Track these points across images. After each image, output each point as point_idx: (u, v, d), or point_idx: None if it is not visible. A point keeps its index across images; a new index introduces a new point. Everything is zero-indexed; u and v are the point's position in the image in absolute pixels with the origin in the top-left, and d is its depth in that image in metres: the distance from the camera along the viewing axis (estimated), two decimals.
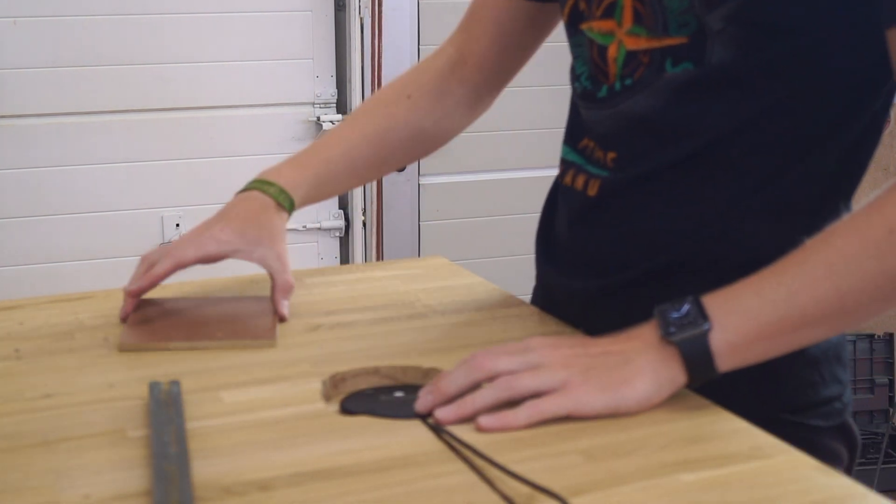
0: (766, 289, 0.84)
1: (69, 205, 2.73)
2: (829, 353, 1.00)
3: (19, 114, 2.64)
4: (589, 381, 0.83)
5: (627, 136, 0.99)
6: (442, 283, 0.95)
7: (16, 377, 0.92)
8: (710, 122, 0.94)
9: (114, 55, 2.68)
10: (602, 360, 0.84)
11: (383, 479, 0.74)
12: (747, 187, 0.95)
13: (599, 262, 1.02)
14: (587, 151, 1.04)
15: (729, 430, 0.82)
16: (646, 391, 0.83)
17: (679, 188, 0.97)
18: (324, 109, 2.87)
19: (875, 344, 3.26)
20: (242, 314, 1.06)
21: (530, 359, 0.84)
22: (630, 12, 0.96)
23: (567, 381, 0.82)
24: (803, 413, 0.99)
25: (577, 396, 0.82)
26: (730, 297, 0.85)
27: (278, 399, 0.88)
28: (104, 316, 1.07)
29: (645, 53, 0.96)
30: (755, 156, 0.94)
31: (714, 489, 0.73)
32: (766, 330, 0.83)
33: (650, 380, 0.83)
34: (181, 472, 0.73)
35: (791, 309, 0.83)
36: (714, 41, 0.91)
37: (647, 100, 0.96)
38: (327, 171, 1.17)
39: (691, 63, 0.93)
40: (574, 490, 0.72)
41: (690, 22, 0.92)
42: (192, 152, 2.79)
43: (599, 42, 1.00)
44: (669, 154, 0.97)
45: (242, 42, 2.78)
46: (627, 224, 1.00)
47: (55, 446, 0.79)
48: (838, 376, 1.01)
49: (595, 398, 0.82)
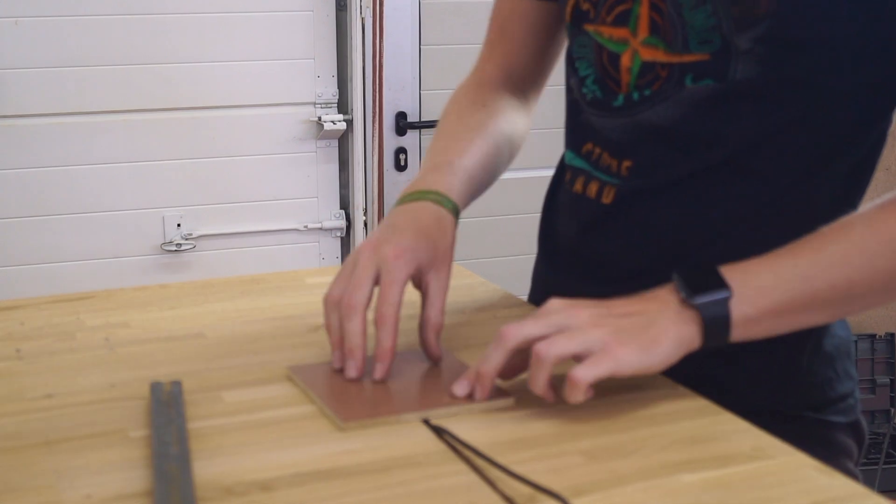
0: (782, 268, 0.85)
1: (71, 205, 2.73)
2: (842, 349, 1.01)
3: (21, 114, 2.64)
4: (624, 341, 0.82)
5: (644, 145, 0.98)
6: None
7: (17, 377, 0.92)
8: (731, 134, 0.94)
9: (115, 55, 2.68)
10: (628, 320, 0.83)
11: (384, 480, 0.74)
12: (766, 196, 0.95)
13: (613, 270, 1.02)
14: (593, 157, 1.03)
15: (730, 431, 0.82)
16: (669, 352, 0.83)
17: (697, 198, 0.97)
18: (325, 109, 2.87)
19: (877, 344, 3.26)
20: (444, 372, 0.94)
21: (556, 321, 0.83)
22: (646, 22, 0.95)
23: (604, 342, 0.81)
24: (821, 410, 1.00)
25: (617, 356, 0.81)
26: (747, 272, 0.85)
27: (279, 399, 0.88)
28: (105, 316, 1.07)
29: (663, 67, 0.95)
30: (775, 165, 0.94)
31: (715, 489, 0.73)
32: (777, 307, 0.85)
33: (673, 340, 0.83)
34: (182, 473, 0.73)
35: (804, 290, 0.85)
36: (738, 59, 0.91)
37: (666, 111, 0.96)
38: (470, 183, 1.07)
39: (713, 79, 0.93)
40: (575, 490, 0.72)
41: (714, 39, 0.91)
42: (193, 152, 2.80)
43: (610, 48, 0.99)
44: (688, 164, 0.96)
45: (244, 42, 2.78)
46: (643, 232, 0.99)
47: (56, 446, 0.79)
48: (850, 372, 1.02)
49: (633, 358, 0.81)
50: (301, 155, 2.90)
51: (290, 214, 2.92)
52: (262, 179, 2.87)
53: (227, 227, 2.87)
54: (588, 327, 0.82)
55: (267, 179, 2.88)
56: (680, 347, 0.83)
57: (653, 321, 0.84)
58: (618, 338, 0.82)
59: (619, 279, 1.00)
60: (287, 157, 2.88)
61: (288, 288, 1.17)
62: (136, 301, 1.12)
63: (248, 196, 2.87)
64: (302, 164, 2.90)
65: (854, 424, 1.03)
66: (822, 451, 0.82)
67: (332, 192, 2.95)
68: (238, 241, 2.89)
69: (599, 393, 0.88)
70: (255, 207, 2.88)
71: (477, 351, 0.99)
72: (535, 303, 1.15)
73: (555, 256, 1.12)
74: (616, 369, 0.81)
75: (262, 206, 2.89)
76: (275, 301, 1.13)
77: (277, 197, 2.90)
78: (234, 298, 1.14)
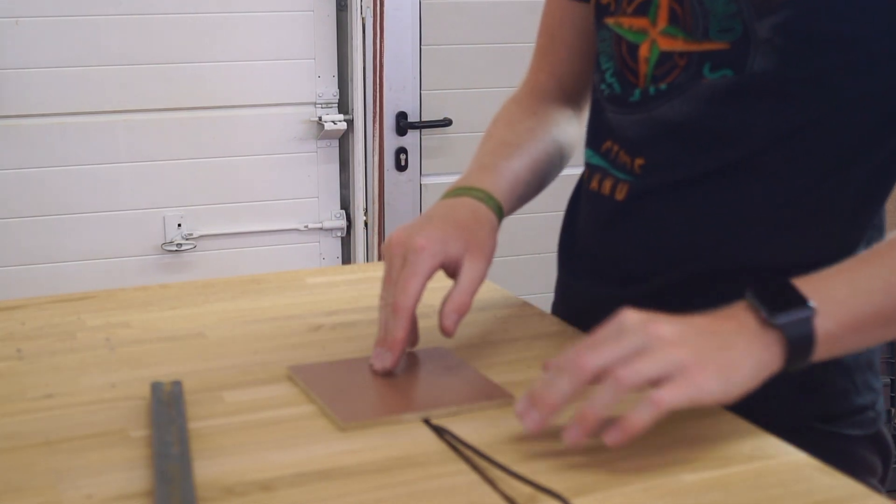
0: (860, 280, 0.80)
1: (71, 205, 2.73)
2: (862, 361, 0.98)
3: (21, 114, 2.64)
4: (704, 364, 0.74)
5: (658, 142, 0.97)
6: (443, 283, 0.95)
7: (18, 377, 0.92)
8: (748, 132, 0.92)
9: (116, 55, 2.68)
10: (707, 340, 0.76)
11: (385, 480, 0.74)
12: (783, 196, 0.93)
13: (627, 269, 1.01)
14: (611, 155, 1.02)
15: (730, 431, 0.82)
16: (749, 378, 0.76)
17: (710, 197, 0.95)
18: (325, 109, 2.87)
19: None
20: (444, 372, 0.94)
21: (634, 342, 0.75)
22: (666, 11, 0.94)
23: (684, 365, 0.74)
24: (837, 422, 0.97)
25: (697, 383, 0.74)
26: (822, 285, 0.79)
27: (280, 399, 0.88)
28: (106, 316, 1.07)
29: (681, 56, 0.94)
30: (792, 166, 0.92)
31: (716, 489, 0.73)
32: (860, 321, 0.79)
33: (753, 365, 0.76)
34: (183, 473, 0.73)
35: (887, 301, 0.79)
36: (758, 49, 0.89)
37: (682, 106, 0.95)
38: (516, 185, 1.06)
39: (731, 70, 0.91)
40: (576, 490, 0.72)
41: (735, 27, 0.90)
42: (194, 152, 2.79)
43: (630, 39, 0.98)
44: (703, 162, 0.95)
45: (244, 42, 2.78)
46: (657, 231, 0.98)
47: (57, 446, 0.79)
48: (871, 384, 0.99)
49: (714, 385, 0.74)
50: (301, 155, 2.89)
51: (291, 214, 2.92)
52: (262, 179, 2.87)
53: (227, 227, 2.87)
54: (668, 347, 0.75)
55: (267, 179, 2.88)
56: (760, 373, 0.76)
57: (731, 343, 0.76)
58: (698, 361, 0.74)
59: (633, 279, 1.00)
60: (287, 157, 2.88)
61: (288, 288, 1.17)
62: (136, 301, 1.12)
63: (248, 196, 2.87)
64: (302, 164, 2.90)
65: (875, 437, 0.99)
66: (838, 466, 0.77)
67: (333, 192, 2.95)
68: (239, 241, 2.89)
69: None
70: (255, 207, 2.88)
71: (477, 351, 0.99)
72: (560, 315, 1.11)
73: (574, 260, 1.10)
74: (696, 397, 0.74)
75: (262, 206, 2.89)
76: (275, 301, 1.13)
77: (278, 197, 2.90)
78: (234, 298, 1.14)
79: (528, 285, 2.89)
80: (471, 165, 1.07)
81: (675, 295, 0.97)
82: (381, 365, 0.90)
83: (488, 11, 2.87)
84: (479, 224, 0.96)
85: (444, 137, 2.96)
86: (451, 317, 0.92)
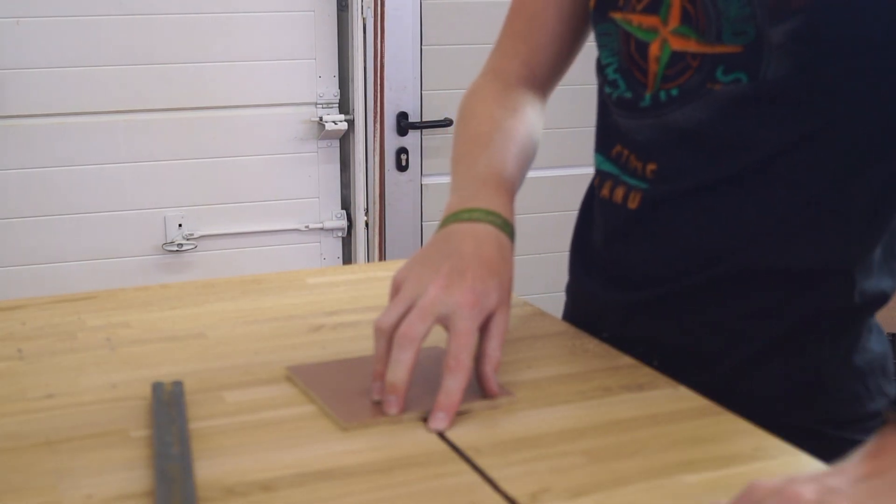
0: None
1: (71, 205, 2.73)
2: (875, 366, 0.97)
3: (22, 114, 2.64)
4: None
5: (670, 148, 0.96)
6: None
7: (18, 377, 0.92)
8: (762, 139, 0.91)
9: (117, 55, 2.68)
10: (866, 486, 0.65)
11: (386, 480, 0.74)
12: (798, 203, 0.92)
13: (640, 276, 1.00)
14: (621, 160, 1.01)
15: (732, 431, 0.82)
16: None
17: (725, 203, 0.94)
18: (326, 109, 2.87)
19: None
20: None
21: None
22: (678, 11, 0.93)
23: None
24: (848, 428, 0.96)
25: None
26: None
27: (281, 399, 0.88)
28: (107, 316, 1.07)
29: (694, 57, 0.93)
30: (807, 173, 0.91)
31: (717, 490, 0.73)
32: None
33: None
34: (184, 473, 0.73)
35: None
36: (771, 54, 0.88)
37: (694, 112, 0.93)
38: (514, 196, 1.03)
39: (744, 74, 0.90)
40: (577, 491, 0.72)
41: (748, 31, 0.89)
42: (194, 152, 2.80)
43: (639, 37, 0.97)
44: (716, 169, 0.94)
45: (245, 42, 2.78)
46: (670, 238, 0.97)
47: (57, 446, 0.79)
48: (884, 389, 0.98)
49: None
50: (302, 155, 2.89)
51: (292, 214, 2.92)
52: (263, 179, 2.87)
53: (228, 227, 2.87)
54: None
55: (268, 179, 2.88)
56: None
57: None
58: None
59: (646, 285, 0.99)
60: (288, 158, 2.88)
61: (289, 288, 1.17)
62: (137, 301, 1.12)
63: (249, 196, 2.87)
64: (303, 164, 2.90)
65: None
66: None
67: (334, 193, 2.95)
68: (239, 241, 2.89)
69: (601, 393, 0.88)
70: (256, 207, 2.88)
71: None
72: (571, 320, 1.10)
73: (586, 266, 1.09)
74: None
75: (263, 207, 2.89)
76: (276, 301, 1.13)
77: (278, 197, 2.90)
78: (235, 298, 1.14)
79: (529, 285, 2.89)
80: (469, 171, 1.03)
81: (687, 300, 0.97)
82: (393, 410, 0.84)
83: (488, 11, 2.87)
84: (505, 265, 0.92)
85: (444, 137, 2.96)
86: (493, 378, 0.87)
